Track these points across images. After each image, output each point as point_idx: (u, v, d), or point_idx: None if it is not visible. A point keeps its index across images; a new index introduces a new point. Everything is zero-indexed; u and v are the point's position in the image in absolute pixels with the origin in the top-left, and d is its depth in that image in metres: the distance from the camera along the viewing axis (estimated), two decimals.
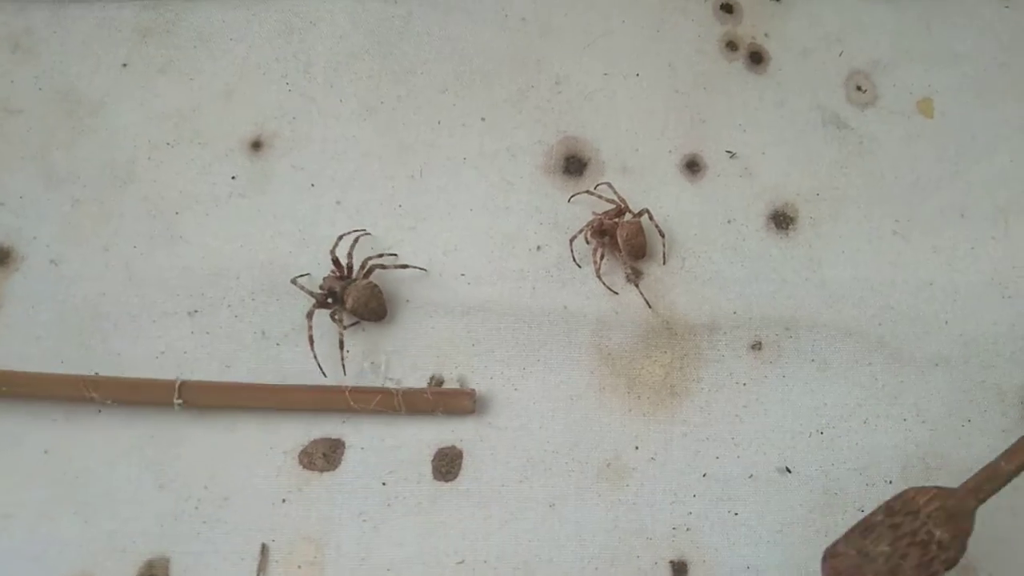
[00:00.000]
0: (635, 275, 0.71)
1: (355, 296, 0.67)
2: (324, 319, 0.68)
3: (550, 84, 0.77)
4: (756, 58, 0.79)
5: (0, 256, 0.70)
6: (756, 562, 0.65)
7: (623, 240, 0.70)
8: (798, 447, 0.68)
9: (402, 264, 0.70)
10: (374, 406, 0.65)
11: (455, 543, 0.65)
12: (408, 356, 0.69)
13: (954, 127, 0.77)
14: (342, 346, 0.67)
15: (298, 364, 0.68)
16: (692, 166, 0.75)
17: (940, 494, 0.57)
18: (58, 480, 0.65)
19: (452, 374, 0.68)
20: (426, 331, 0.69)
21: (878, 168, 0.76)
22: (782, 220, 0.74)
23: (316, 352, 0.66)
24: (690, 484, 0.67)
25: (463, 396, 0.67)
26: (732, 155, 0.75)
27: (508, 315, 0.70)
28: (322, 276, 0.69)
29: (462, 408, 0.66)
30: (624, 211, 0.71)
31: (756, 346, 0.70)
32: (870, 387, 0.69)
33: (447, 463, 0.66)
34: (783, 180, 0.75)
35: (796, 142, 0.76)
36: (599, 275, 0.70)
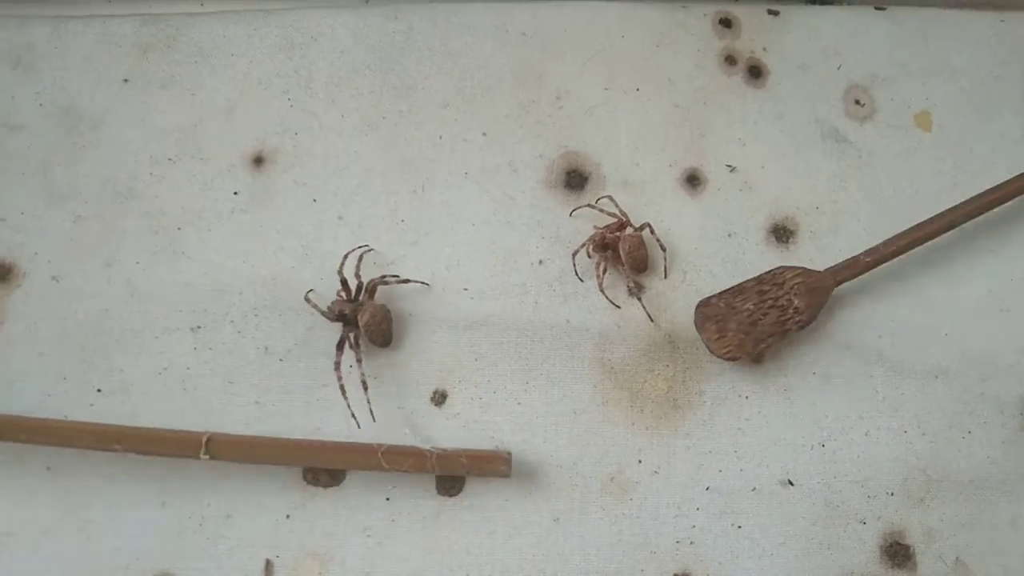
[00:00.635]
0: (637, 288, 0.71)
1: (366, 318, 0.66)
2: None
3: (551, 99, 0.77)
4: (755, 72, 0.79)
5: (2, 272, 0.70)
6: (760, 574, 0.65)
7: (625, 253, 0.70)
8: (800, 460, 0.68)
9: (404, 279, 0.70)
10: (406, 468, 0.63)
11: (459, 558, 0.65)
12: (412, 370, 0.69)
13: (951, 140, 0.78)
14: (366, 387, 0.66)
15: (300, 380, 0.68)
16: (692, 180, 0.76)
17: (804, 272, 0.70)
18: (60, 497, 0.65)
19: (456, 389, 0.68)
20: (429, 345, 0.69)
21: (877, 181, 0.76)
22: (782, 233, 0.74)
23: (348, 399, 0.66)
24: (693, 497, 0.67)
25: (499, 460, 0.65)
26: (732, 169, 0.76)
27: (511, 329, 0.70)
28: (330, 295, 0.69)
29: (498, 472, 0.64)
30: (626, 225, 0.72)
31: (758, 359, 0.70)
32: (871, 400, 0.70)
33: (450, 478, 0.66)
34: (783, 193, 0.75)
35: (795, 156, 0.77)
36: (602, 289, 0.70)
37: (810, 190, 0.76)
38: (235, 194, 0.73)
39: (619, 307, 0.71)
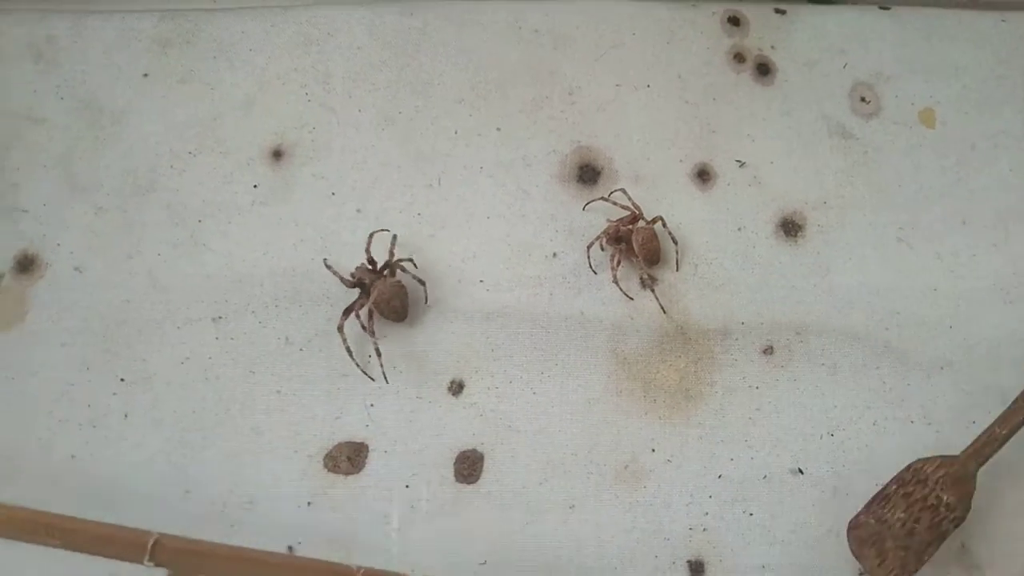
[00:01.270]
0: (650, 280, 0.73)
1: (380, 291, 0.68)
2: (354, 329, 0.68)
3: (563, 95, 0.78)
4: (763, 70, 0.81)
5: (25, 263, 0.71)
6: (771, 561, 0.66)
7: (639, 245, 0.71)
8: (809, 449, 0.69)
9: (420, 279, 0.71)
10: None
11: (477, 544, 0.66)
12: (429, 361, 0.70)
13: (955, 137, 0.79)
14: (379, 353, 0.68)
15: (321, 369, 0.69)
16: (703, 175, 0.77)
17: (944, 463, 0.65)
18: (85, 485, 0.66)
19: (472, 379, 0.70)
20: (446, 336, 0.71)
21: (882, 177, 0.78)
22: (791, 228, 0.76)
23: (357, 360, 0.68)
24: (706, 485, 0.68)
25: None
26: (741, 164, 0.77)
27: (526, 320, 0.71)
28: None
29: None
30: (639, 218, 0.73)
31: (768, 350, 0.72)
32: (878, 390, 0.71)
33: (468, 466, 0.68)
34: (791, 189, 0.77)
35: (803, 151, 0.78)
36: (616, 281, 0.71)
37: (817, 185, 0.77)
38: (255, 187, 0.74)
39: (632, 299, 0.72)
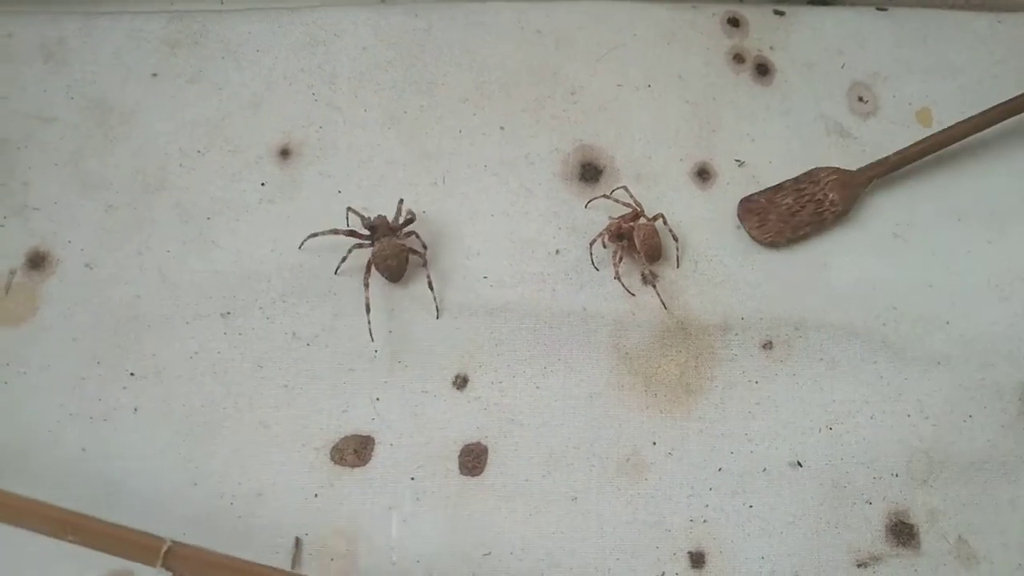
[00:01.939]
0: (651, 277, 0.74)
1: (381, 246, 0.70)
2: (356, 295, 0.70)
3: (566, 94, 0.80)
4: (762, 70, 0.82)
5: (37, 260, 0.72)
6: (770, 552, 0.68)
7: (640, 242, 0.72)
8: (808, 442, 0.70)
9: (424, 261, 0.72)
10: None
11: (482, 535, 0.67)
12: (434, 356, 0.71)
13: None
14: (368, 309, 0.69)
15: (327, 364, 0.70)
16: (703, 174, 0.78)
17: (838, 170, 0.76)
18: (95, 477, 0.67)
19: (477, 374, 0.71)
20: (451, 331, 0.72)
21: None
22: None
23: (370, 319, 0.70)
24: (706, 478, 0.69)
25: None
26: (741, 163, 0.78)
27: (529, 316, 0.73)
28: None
29: None
30: (640, 215, 0.74)
31: (767, 345, 0.73)
32: (876, 384, 0.72)
33: (473, 458, 0.69)
34: None
35: (802, 151, 0.79)
36: (618, 277, 0.72)
37: None
38: (263, 185, 0.75)
39: (634, 295, 0.73)
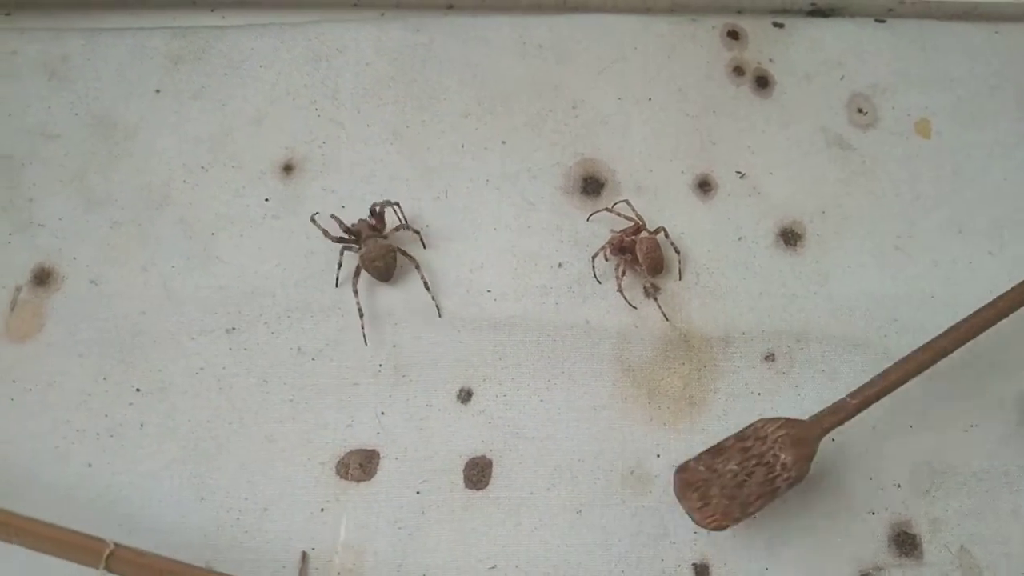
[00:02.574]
0: (654, 289, 0.74)
1: (369, 248, 0.71)
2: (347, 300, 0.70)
3: (567, 108, 0.80)
4: (762, 82, 0.83)
5: (42, 277, 0.72)
6: (773, 563, 0.68)
7: (642, 255, 0.73)
8: None
9: (416, 264, 0.73)
10: None
11: (487, 549, 0.67)
12: (438, 370, 0.71)
13: (950, 147, 0.81)
14: (361, 314, 0.70)
15: (332, 378, 0.71)
16: (703, 186, 0.79)
17: (788, 423, 0.64)
18: (102, 493, 0.67)
19: (481, 387, 0.71)
20: (455, 345, 0.72)
21: (879, 187, 0.79)
22: (790, 237, 0.77)
23: (364, 323, 0.71)
24: None
25: None
26: (741, 175, 0.79)
27: (533, 329, 0.73)
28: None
29: None
30: (642, 228, 0.74)
31: (769, 357, 0.73)
32: None
33: (478, 472, 0.69)
34: (790, 199, 0.79)
35: (802, 163, 0.80)
36: (621, 290, 0.73)
37: (816, 195, 0.79)
38: (266, 200, 0.75)
39: (636, 308, 0.74)
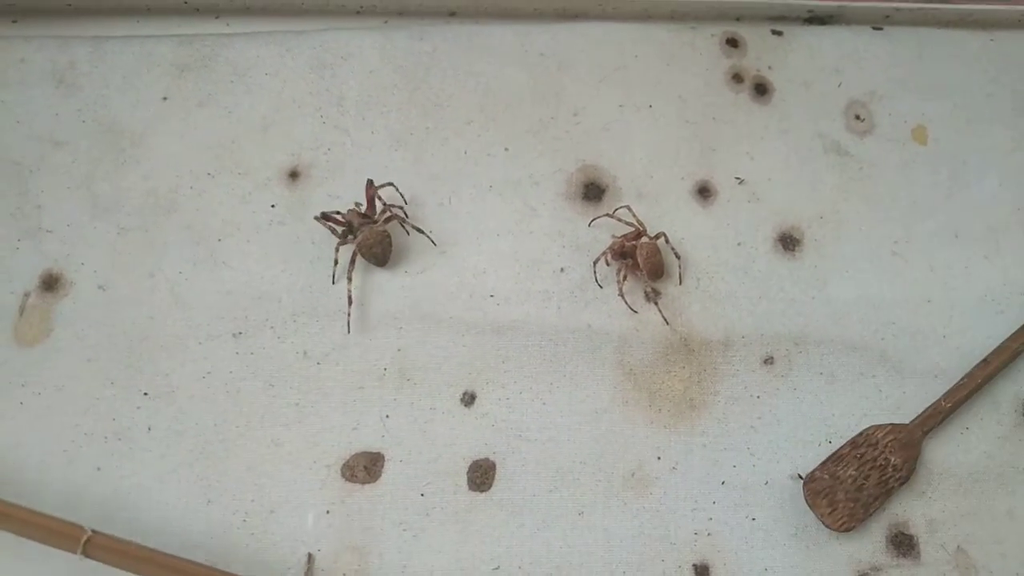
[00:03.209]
0: (654, 294, 0.75)
1: (366, 235, 0.72)
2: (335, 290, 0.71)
3: (568, 115, 0.81)
4: (761, 89, 0.84)
5: (50, 282, 0.73)
6: (773, 564, 0.69)
7: (643, 260, 0.74)
8: (809, 455, 0.72)
9: (417, 227, 0.74)
10: None
11: (490, 550, 0.68)
12: (442, 373, 0.72)
13: (946, 153, 0.82)
14: (350, 302, 0.71)
15: (338, 382, 0.71)
16: (703, 192, 0.80)
17: (894, 429, 0.71)
18: (110, 496, 0.68)
19: (484, 391, 0.72)
20: (458, 349, 0.73)
21: (876, 192, 0.81)
22: (789, 242, 0.78)
23: (351, 311, 0.72)
24: (710, 492, 0.70)
25: None
26: (740, 181, 0.80)
27: (535, 333, 0.74)
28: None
29: None
30: (642, 233, 0.75)
31: (768, 361, 0.74)
32: (874, 398, 0.74)
33: (481, 474, 0.70)
34: (789, 204, 0.80)
35: (800, 169, 0.81)
36: (622, 294, 0.74)
37: (814, 201, 0.80)
38: (272, 207, 0.76)
39: (637, 312, 0.75)
